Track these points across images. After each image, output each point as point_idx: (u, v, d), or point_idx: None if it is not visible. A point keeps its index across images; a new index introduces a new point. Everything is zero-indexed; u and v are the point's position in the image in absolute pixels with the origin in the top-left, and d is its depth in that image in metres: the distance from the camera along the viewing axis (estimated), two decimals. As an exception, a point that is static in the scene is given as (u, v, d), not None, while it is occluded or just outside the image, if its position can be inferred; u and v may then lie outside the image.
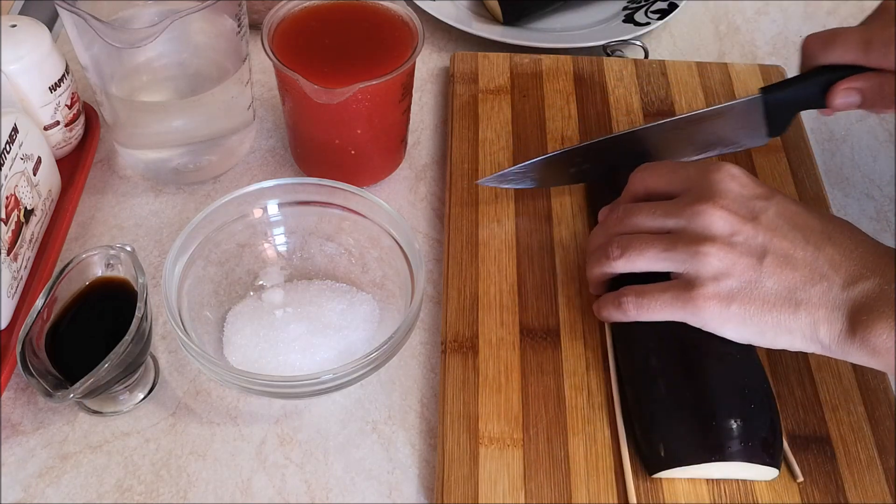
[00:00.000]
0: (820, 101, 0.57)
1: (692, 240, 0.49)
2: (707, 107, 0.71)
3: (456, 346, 0.56)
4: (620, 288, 0.52)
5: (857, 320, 0.46)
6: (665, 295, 0.50)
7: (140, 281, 0.50)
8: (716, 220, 0.49)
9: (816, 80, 0.56)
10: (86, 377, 0.46)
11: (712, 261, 0.48)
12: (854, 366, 0.55)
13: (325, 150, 0.62)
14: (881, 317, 0.45)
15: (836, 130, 0.74)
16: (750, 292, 0.48)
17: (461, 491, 0.49)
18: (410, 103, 0.64)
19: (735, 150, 0.63)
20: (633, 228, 0.52)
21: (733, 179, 0.50)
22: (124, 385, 0.52)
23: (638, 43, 0.77)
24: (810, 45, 0.57)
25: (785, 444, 0.51)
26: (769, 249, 0.48)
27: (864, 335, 0.45)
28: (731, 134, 0.58)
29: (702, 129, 0.60)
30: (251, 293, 0.57)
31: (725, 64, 0.75)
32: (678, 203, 0.51)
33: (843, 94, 0.55)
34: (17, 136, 0.56)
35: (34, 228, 0.58)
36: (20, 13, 0.77)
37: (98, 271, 0.52)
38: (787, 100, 0.58)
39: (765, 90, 0.58)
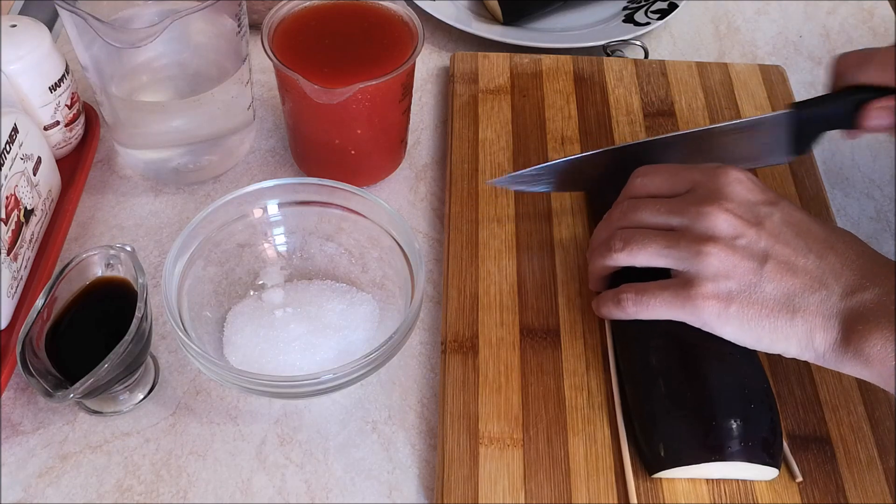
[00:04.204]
0: (849, 121, 0.56)
1: (695, 239, 0.49)
2: (708, 106, 0.71)
3: (456, 346, 0.56)
4: (620, 285, 0.52)
5: (852, 330, 0.46)
6: (664, 293, 0.50)
7: (140, 281, 0.50)
8: (720, 221, 0.49)
9: (847, 98, 0.56)
10: (86, 377, 0.46)
11: (713, 261, 0.48)
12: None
13: (325, 150, 0.62)
14: (877, 327, 0.45)
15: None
16: (749, 296, 0.48)
17: (461, 491, 0.49)
18: (410, 103, 0.64)
19: (755, 166, 0.62)
20: (637, 223, 0.52)
21: (740, 183, 0.50)
22: (124, 385, 0.52)
23: (638, 43, 0.77)
24: (842, 63, 0.56)
25: (785, 444, 0.51)
26: (771, 255, 0.48)
27: (858, 345, 0.45)
28: (755, 149, 0.58)
29: (726, 141, 0.59)
30: (251, 293, 0.57)
31: (725, 64, 0.75)
32: (683, 202, 0.51)
33: (877, 113, 0.54)
34: (17, 136, 0.56)
35: (34, 228, 0.58)
36: (20, 13, 0.77)
37: (98, 271, 0.52)
38: (817, 117, 0.57)
39: (794, 105, 0.57)
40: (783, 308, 0.47)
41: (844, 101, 0.56)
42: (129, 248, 0.51)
